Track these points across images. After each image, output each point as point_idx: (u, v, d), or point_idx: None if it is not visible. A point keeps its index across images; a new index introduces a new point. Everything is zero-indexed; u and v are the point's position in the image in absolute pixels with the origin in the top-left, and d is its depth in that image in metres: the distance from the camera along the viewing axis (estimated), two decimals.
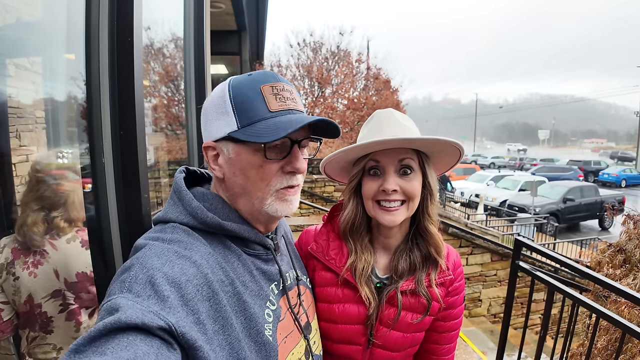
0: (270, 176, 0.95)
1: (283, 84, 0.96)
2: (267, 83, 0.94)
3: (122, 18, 1.12)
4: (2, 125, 1.77)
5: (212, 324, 0.79)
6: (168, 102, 4.00)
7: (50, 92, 2.16)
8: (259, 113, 0.91)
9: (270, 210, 0.97)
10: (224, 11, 8.02)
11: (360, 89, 16.89)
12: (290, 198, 0.99)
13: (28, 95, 2.14)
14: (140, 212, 1.16)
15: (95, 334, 0.63)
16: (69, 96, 1.88)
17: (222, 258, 0.91)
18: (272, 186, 0.95)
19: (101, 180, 1.17)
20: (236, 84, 0.95)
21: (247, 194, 0.96)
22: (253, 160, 0.93)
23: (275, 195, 0.96)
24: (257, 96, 0.92)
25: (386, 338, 1.22)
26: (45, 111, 2.21)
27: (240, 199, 0.99)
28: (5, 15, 1.79)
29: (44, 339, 1.70)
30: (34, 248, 1.61)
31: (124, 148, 1.14)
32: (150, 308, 0.69)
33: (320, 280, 1.28)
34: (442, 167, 1.35)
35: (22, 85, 2.03)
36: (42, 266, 1.63)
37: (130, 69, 1.10)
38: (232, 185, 0.98)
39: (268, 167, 0.94)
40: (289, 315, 1.05)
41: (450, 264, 1.30)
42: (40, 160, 1.75)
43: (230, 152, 0.95)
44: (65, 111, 1.93)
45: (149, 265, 0.76)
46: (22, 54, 1.94)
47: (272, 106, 0.92)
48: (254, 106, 0.91)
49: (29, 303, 1.63)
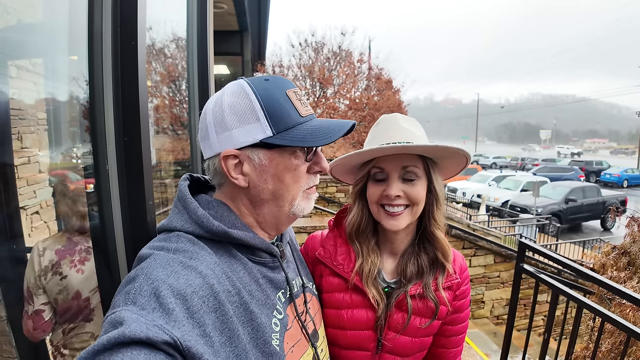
0: (302, 178, 0.98)
1: (298, 89, 0.99)
2: (289, 88, 0.95)
3: (126, 22, 1.11)
4: (5, 127, 1.76)
5: (218, 336, 0.78)
6: (170, 102, 4.00)
7: (53, 95, 2.16)
8: (293, 118, 0.93)
9: (297, 210, 1.00)
10: (226, 11, 8.01)
11: (362, 89, 16.89)
12: (312, 196, 1.04)
13: (30, 97, 2.14)
14: (145, 219, 1.14)
15: (99, 348, 0.62)
16: (72, 100, 1.88)
17: (228, 267, 0.90)
18: (302, 187, 0.99)
19: (105, 187, 1.16)
20: (262, 90, 0.93)
21: (277, 198, 0.97)
22: (288, 164, 0.95)
23: (301, 195, 1.00)
24: (286, 102, 0.93)
25: (395, 343, 1.22)
26: (47, 112, 2.21)
27: (266, 205, 0.98)
28: (7, 17, 1.78)
29: (83, 328, 1.75)
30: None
31: (128, 154, 1.12)
32: (155, 322, 0.67)
33: (328, 286, 1.27)
34: (449, 171, 1.34)
35: (24, 87, 2.03)
36: (89, 262, 1.69)
37: (135, 74, 1.08)
38: (259, 192, 0.96)
39: (300, 169, 0.97)
40: (296, 323, 1.04)
41: (457, 267, 1.30)
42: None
43: (262, 158, 0.93)
44: (69, 115, 1.93)
45: (153, 276, 0.75)
46: (24, 57, 1.94)
47: (301, 112, 0.95)
48: (287, 112, 0.93)
49: (76, 299, 1.69)
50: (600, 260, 4.51)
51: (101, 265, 1.28)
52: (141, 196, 1.13)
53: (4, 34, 1.75)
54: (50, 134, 2.28)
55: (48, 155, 2.33)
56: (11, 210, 1.73)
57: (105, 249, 1.22)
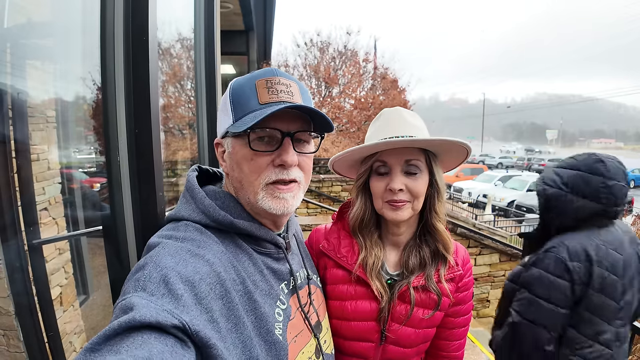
0: (260, 169, 0.94)
1: (279, 78, 0.96)
2: (262, 78, 0.95)
3: (138, 17, 1.14)
4: (23, 123, 1.79)
5: (225, 322, 0.80)
6: (176, 101, 4.03)
7: (64, 91, 2.19)
8: (250, 106, 0.92)
9: (264, 206, 0.95)
10: (232, 11, 8.02)
11: (368, 88, 16.86)
12: (283, 195, 0.96)
13: (39, 95, 2.18)
14: (155, 210, 1.16)
15: (110, 332, 0.63)
16: (84, 95, 1.91)
17: (234, 256, 0.92)
18: (262, 179, 0.94)
19: (116, 179, 1.18)
20: (236, 83, 0.98)
21: (244, 187, 0.97)
22: (245, 153, 0.94)
23: (265, 190, 0.95)
24: (250, 91, 0.94)
25: (398, 334, 1.23)
26: (55, 111, 2.24)
27: (240, 193, 0.99)
28: (18, 17, 1.82)
29: None
30: None
31: (139, 146, 1.15)
32: (164, 307, 0.69)
33: (332, 278, 1.29)
34: (450, 165, 1.36)
35: (35, 85, 2.06)
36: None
37: (146, 68, 1.11)
38: (233, 179, 0.99)
39: (258, 159, 0.93)
40: (299, 314, 1.05)
41: (460, 259, 1.31)
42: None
43: (229, 146, 0.97)
44: (82, 110, 1.96)
45: (162, 264, 0.77)
46: (37, 55, 1.97)
47: (262, 98, 0.92)
48: (246, 100, 0.93)
49: None
50: None
51: (111, 254, 1.31)
52: (151, 187, 1.15)
53: (17, 33, 1.78)
54: (58, 131, 2.32)
55: (56, 152, 2.37)
56: (23, 206, 1.76)
57: (115, 238, 1.25)
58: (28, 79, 1.91)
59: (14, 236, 1.66)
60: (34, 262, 1.76)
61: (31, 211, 1.86)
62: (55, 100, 2.26)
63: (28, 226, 1.76)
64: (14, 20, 1.78)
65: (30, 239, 1.75)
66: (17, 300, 1.70)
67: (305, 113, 0.97)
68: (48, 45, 1.98)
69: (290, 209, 0.98)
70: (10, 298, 1.69)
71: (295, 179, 0.98)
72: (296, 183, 0.99)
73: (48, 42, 1.96)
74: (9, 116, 1.66)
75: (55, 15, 2.09)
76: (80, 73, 1.88)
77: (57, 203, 2.36)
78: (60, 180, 2.39)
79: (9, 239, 1.64)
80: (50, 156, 2.26)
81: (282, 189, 0.96)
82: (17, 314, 1.70)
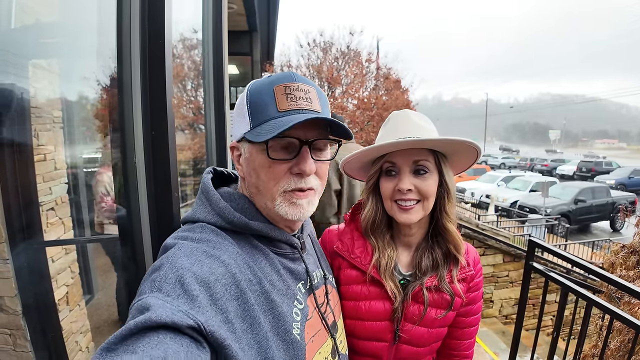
0: (278, 177, 0.93)
1: (298, 84, 0.95)
2: (281, 83, 0.93)
3: (154, 21, 1.15)
4: (25, 124, 1.81)
5: (240, 323, 0.80)
6: (181, 102, 4.04)
7: (83, 93, 2.20)
8: (269, 113, 0.91)
9: (280, 212, 0.95)
10: (236, 12, 8.04)
11: (371, 88, 16.81)
12: (300, 202, 0.96)
13: (46, 95, 2.19)
14: (171, 211, 1.18)
15: (126, 332, 0.64)
16: (102, 97, 1.92)
17: (250, 257, 0.92)
18: (280, 187, 0.94)
19: (132, 180, 1.20)
20: (254, 87, 0.97)
21: (260, 193, 0.97)
22: (263, 160, 0.93)
23: (283, 197, 0.95)
24: (269, 97, 0.92)
25: (412, 334, 1.24)
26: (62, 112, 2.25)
27: (256, 198, 0.99)
28: (32, 18, 1.83)
29: None
30: None
31: (155, 148, 1.16)
32: (180, 307, 0.70)
33: (346, 278, 1.30)
34: (461, 166, 1.37)
35: (43, 85, 2.08)
36: None
37: (162, 71, 1.12)
38: (249, 184, 1.00)
39: (276, 167, 0.93)
40: (316, 314, 1.06)
41: (471, 260, 1.33)
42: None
43: (246, 152, 0.97)
44: (100, 111, 1.97)
45: (178, 264, 0.77)
46: (52, 56, 1.99)
47: (280, 106, 0.91)
48: (264, 107, 0.92)
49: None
50: (610, 259, 4.50)
51: (128, 255, 1.32)
52: (167, 188, 1.17)
53: (28, 33, 1.80)
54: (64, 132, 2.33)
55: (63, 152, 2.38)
56: (30, 207, 1.78)
57: (132, 239, 1.27)
58: (37, 79, 1.93)
59: (21, 236, 1.67)
60: (40, 262, 1.77)
61: (37, 212, 1.87)
62: (56, 102, 2.28)
63: (36, 227, 1.78)
64: (22, 21, 1.79)
65: (38, 240, 1.76)
66: (24, 299, 1.71)
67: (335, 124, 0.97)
68: (64, 47, 2.00)
69: (306, 215, 0.98)
70: (17, 297, 1.69)
71: (312, 187, 0.98)
72: (313, 190, 0.99)
73: (64, 44, 1.97)
74: (29, 117, 1.67)
75: (66, 16, 2.11)
76: (95, 74, 1.90)
77: (63, 203, 2.37)
78: (66, 180, 2.40)
79: (17, 239, 1.65)
80: (58, 156, 2.27)
81: (300, 196, 0.96)
82: (24, 314, 1.71)
